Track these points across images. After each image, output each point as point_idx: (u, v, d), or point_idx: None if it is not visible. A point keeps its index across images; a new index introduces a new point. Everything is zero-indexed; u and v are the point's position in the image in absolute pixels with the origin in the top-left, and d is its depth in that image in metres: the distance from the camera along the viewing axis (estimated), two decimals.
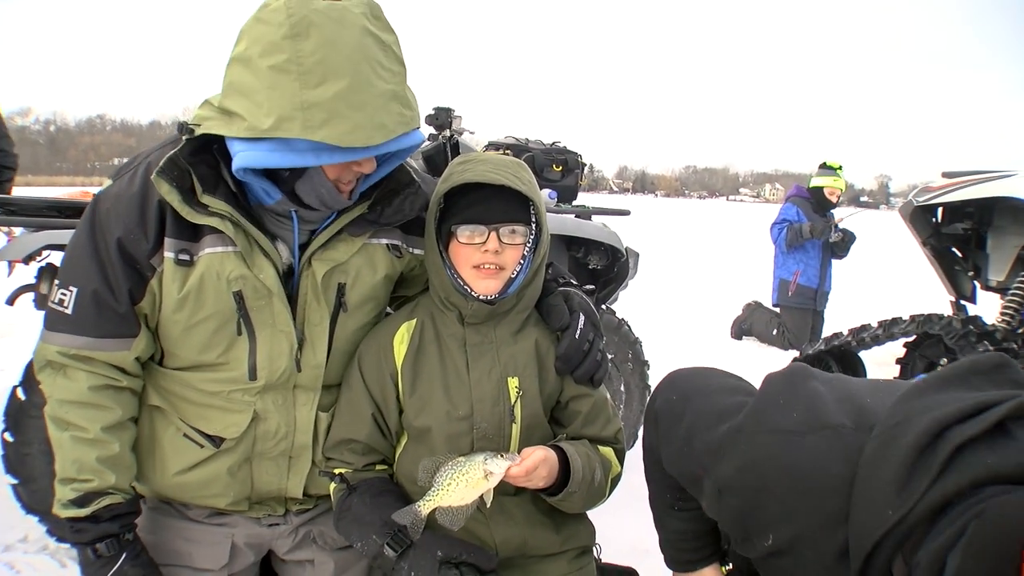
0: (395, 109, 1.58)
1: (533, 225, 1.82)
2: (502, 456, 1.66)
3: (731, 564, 1.90)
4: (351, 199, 1.76)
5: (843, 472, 1.20)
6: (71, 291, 1.72)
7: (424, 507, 1.68)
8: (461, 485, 1.65)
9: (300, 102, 1.49)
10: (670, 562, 1.96)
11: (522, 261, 1.81)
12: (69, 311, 1.72)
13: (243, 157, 1.58)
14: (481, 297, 1.78)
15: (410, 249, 1.96)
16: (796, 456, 1.26)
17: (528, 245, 1.81)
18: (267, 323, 1.78)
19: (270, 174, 1.68)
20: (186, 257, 1.71)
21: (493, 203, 1.77)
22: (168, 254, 1.70)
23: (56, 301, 1.74)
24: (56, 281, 1.76)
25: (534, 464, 1.67)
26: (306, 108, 1.49)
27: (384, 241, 1.90)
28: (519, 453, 1.68)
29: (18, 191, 3.81)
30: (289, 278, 1.81)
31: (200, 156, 1.68)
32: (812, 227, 7.14)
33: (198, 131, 1.65)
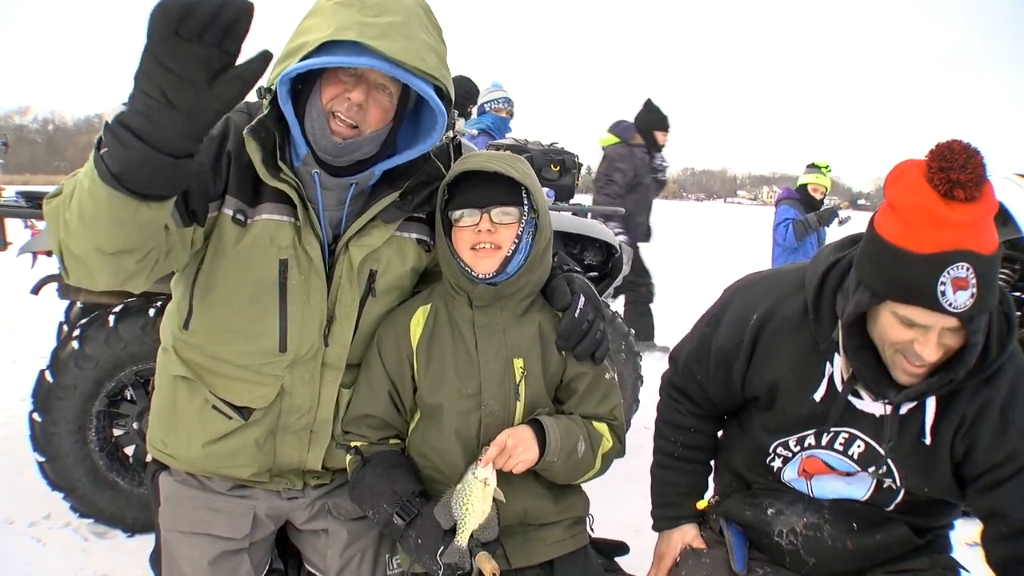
0: (434, 59, 1.72)
1: (527, 208, 1.93)
2: (481, 459, 1.79)
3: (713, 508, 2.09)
4: (344, 149, 1.77)
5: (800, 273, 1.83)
6: None
7: (463, 538, 1.76)
8: (475, 504, 1.76)
9: (359, 20, 1.64)
10: (658, 520, 2.15)
11: (517, 240, 1.92)
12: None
13: (282, 74, 1.64)
14: (482, 276, 1.90)
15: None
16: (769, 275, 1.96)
17: (522, 226, 1.92)
18: (301, 298, 1.87)
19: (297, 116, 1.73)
20: (242, 218, 1.80)
21: (485, 188, 1.88)
22: (227, 210, 1.79)
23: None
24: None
25: (499, 446, 1.80)
26: (363, 24, 1.64)
27: (415, 235, 2.01)
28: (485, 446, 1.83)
29: (12, 191, 3.94)
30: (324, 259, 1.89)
31: (283, 125, 1.76)
32: (819, 215, 7.12)
33: (271, 75, 1.69)
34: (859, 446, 1.78)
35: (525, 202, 1.93)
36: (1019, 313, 4.38)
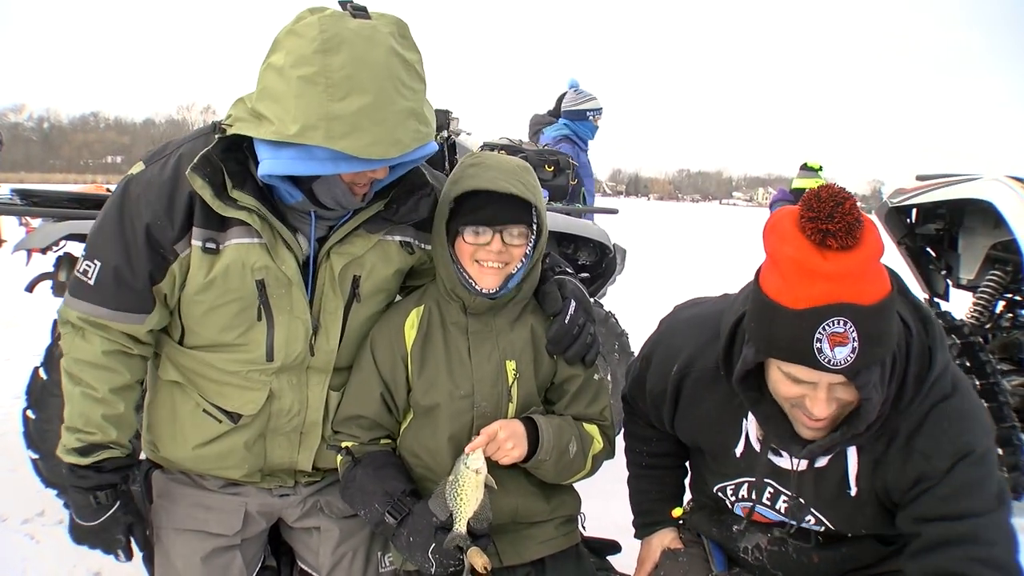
0: (412, 126, 1.67)
1: (534, 225, 1.94)
2: (471, 451, 1.81)
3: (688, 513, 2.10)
4: (363, 201, 1.85)
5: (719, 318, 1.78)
6: (95, 264, 1.82)
7: (460, 526, 1.79)
8: (468, 493, 1.78)
9: (325, 113, 1.57)
10: (638, 527, 2.17)
11: (523, 260, 1.93)
12: (91, 282, 1.83)
13: (267, 165, 1.68)
14: (484, 291, 1.91)
15: (421, 245, 2.05)
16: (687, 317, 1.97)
17: (529, 243, 1.93)
18: (285, 310, 1.89)
19: (291, 176, 1.77)
20: (212, 246, 1.81)
21: (498, 207, 1.86)
22: (196, 242, 1.80)
23: (81, 271, 1.84)
24: (82, 252, 1.86)
25: (489, 435, 1.82)
26: (330, 119, 1.58)
27: (398, 238, 2.00)
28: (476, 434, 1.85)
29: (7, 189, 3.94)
30: (306, 269, 1.90)
31: (231, 153, 1.76)
32: None
33: (230, 131, 1.75)
34: (784, 500, 1.76)
35: (533, 219, 1.93)
36: (1011, 315, 4.43)
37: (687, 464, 2.18)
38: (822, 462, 1.69)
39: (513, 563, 1.95)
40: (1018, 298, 4.45)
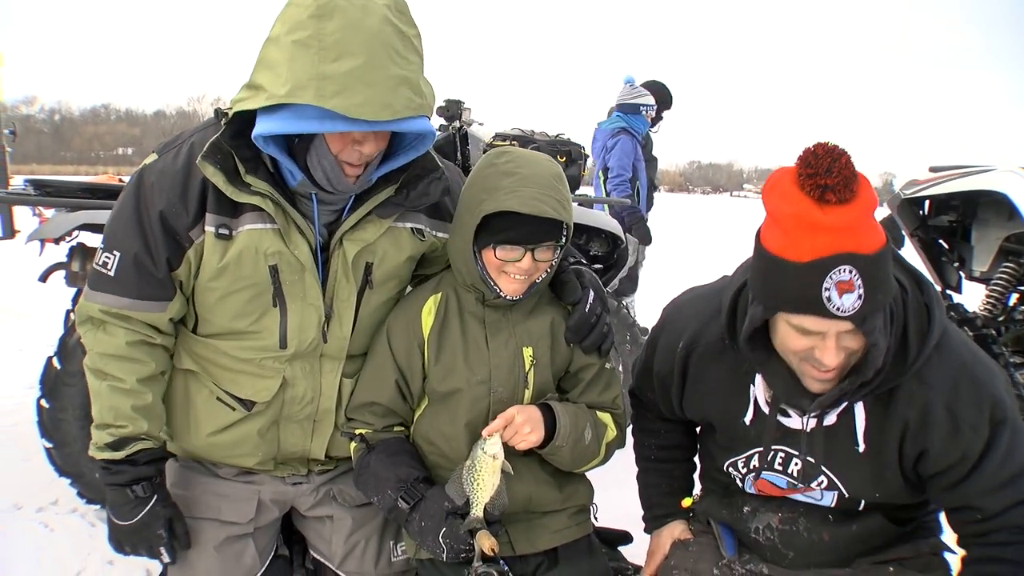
0: (404, 93, 1.65)
1: (563, 238, 1.93)
2: (488, 436, 1.82)
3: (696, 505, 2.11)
4: (358, 185, 1.83)
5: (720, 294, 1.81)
6: (114, 255, 1.84)
7: (478, 510, 1.81)
8: (485, 478, 1.80)
9: (316, 73, 1.59)
10: (648, 521, 2.17)
11: (549, 270, 1.95)
12: (111, 273, 1.84)
13: (260, 126, 1.68)
14: (508, 297, 1.92)
15: (434, 233, 2.05)
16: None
17: (556, 256, 1.94)
18: (298, 296, 1.90)
19: (289, 152, 1.77)
20: (225, 232, 1.82)
21: (533, 227, 1.85)
22: (209, 228, 1.82)
23: (100, 263, 1.85)
24: (100, 244, 1.87)
25: (507, 419, 1.83)
26: (321, 79, 1.58)
27: (409, 225, 2.00)
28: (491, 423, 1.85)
29: (20, 180, 3.96)
30: (317, 255, 1.91)
31: (242, 140, 1.76)
32: None
33: (231, 112, 1.77)
34: (796, 464, 1.78)
35: (563, 234, 1.93)
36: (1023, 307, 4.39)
37: (695, 458, 2.19)
38: (831, 420, 1.71)
39: (526, 552, 1.96)
40: None
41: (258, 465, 2.04)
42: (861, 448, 1.70)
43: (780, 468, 1.81)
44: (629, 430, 2.21)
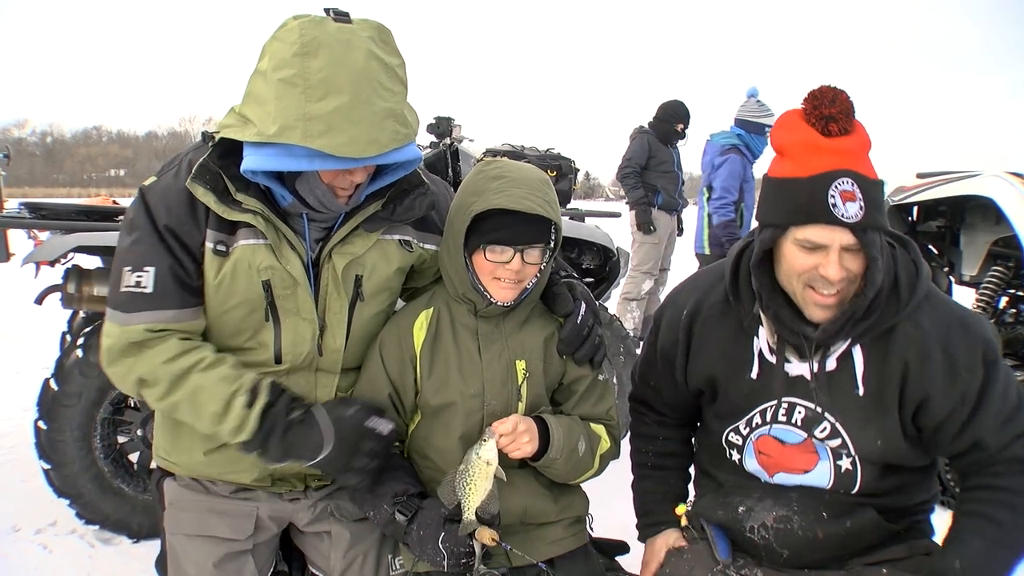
0: (390, 126, 1.70)
1: (552, 242, 1.96)
2: (484, 440, 1.83)
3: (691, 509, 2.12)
4: (349, 205, 1.87)
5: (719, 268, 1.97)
6: (147, 271, 1.81)
7: (469, 514, 1.83)
8: (478, 482, 1.81)
9: (303, 113, 1.62)
10: (642, 529, 2.19)
11: (538, 274, 1.96)
12: (149, 290, 1.80)
13: (249, 160, 1.72)
14: (499, 303, 1.94)
15: (421, 244, 2.07)
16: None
17: (545, 260, 1.96)
18: (291, 311, 1.91)
19: (278, 176, 1.82)
20: (223, 248, 1.84)
21: (521, 227, 1.87)
22: (208, 244, 1.84)
23: (131, 285, 1.81)
24: (126, 268, 1.83)
25: (512, 425, 1.84)
26: (308, 119, 1.62)
27: (396, 237, 2.03)
28: (490, 427, 1.86)
29: (15, 203, 3.99)
30: (309, 271, 1.93)
31: (230, 159, 1.80)
32: None
33: (218, 136, 1.80)
34: (800, 411, 1.84)
35: (552, 237, 1.96)
36: (1014, 311, 4.43)
37: (691, 468, 2.22)
38: (831, 365, 1.79)
39: (522, 564, 1.97)
40: (1021, 294, 4.43)
41: (255, 482, 2.04)
42: (861, 391, 1.78)
43: (784, 419, 1.87)
44: (626, 439, 2.22)
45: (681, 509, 2.11)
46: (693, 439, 2.22)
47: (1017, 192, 3.91)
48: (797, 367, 1.83)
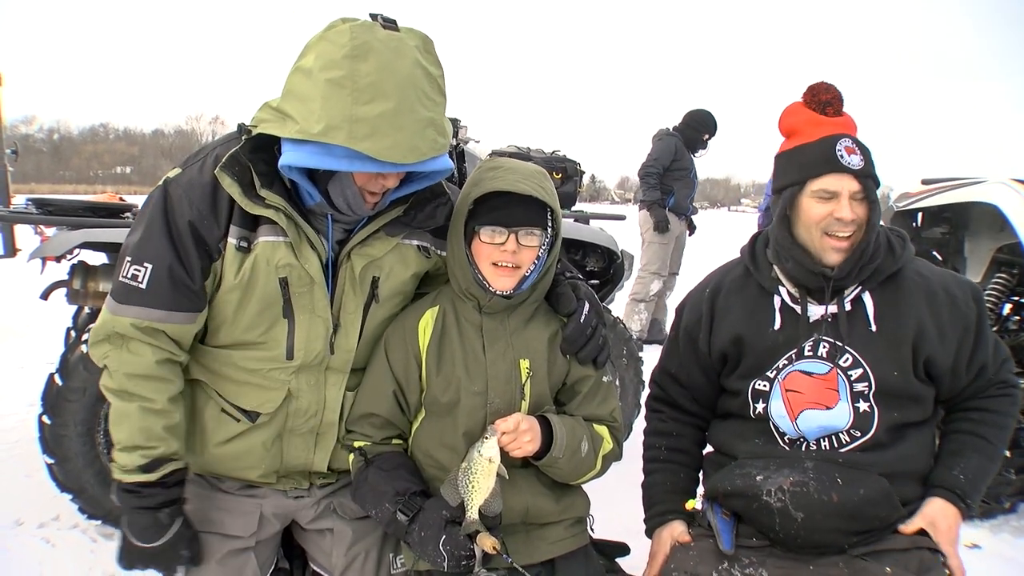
0: (430, 135, 1.75)
1: (549, 229, 1.99)
2: (486, 438, 1.85)
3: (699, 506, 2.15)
4: (374, 209, 1.91)
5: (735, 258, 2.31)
6: (145, 267, 1.83)
7: (472, 512, 1.84)
8: (480, 480, 1.82)
9: (350, 115, 1.65)
10: (649, 521, 2.20)
11: (536, 261, 1.97)
12: (143, 286, 1.83)
13: (289, 156, 1.74)
14: (498, 292, 1.96)
15: (438, 251, 2.11)
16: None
17: (543, 247, 1.98)
18: (307, 308, 1.94)
19: (310, 175, 1.84)
20: (245, 244, 1.87)
21: (515, 208, 1.92)
22: (231, 240, 1.85)
23: (127, 276, 1.84)
24: (127, 258, 1.86)
25: (515, 423, 1.86)
26: (353, 121, 1.65)
27: (415, 242, 2.06)
28: (493, 424, 1.88)
29: (22, 199, 3.99)
30: (327, 270, 1.96)
31: (259, 154, 1.83)
32: None
33: (255, 131, 1.82)
34: (824, 345, 2.03)
35: (549, 222, 1.97)
36: (1018, 318, 4.42)
37: (699, 472, 2.25)
38: (847, 307, 2.03)
39: (523, 563, 1.97)
40: None
41: (261, 478, 2.06)
42: (874, 328, 2.01)
43: (810, 353, 2.04)
44: (634, 442, 2.24)
45: (691, 504, 2.13)
46: (704, 443, 2.27)
47: (1022, 199, 3.90)
48: (816, 310, 2.04)
